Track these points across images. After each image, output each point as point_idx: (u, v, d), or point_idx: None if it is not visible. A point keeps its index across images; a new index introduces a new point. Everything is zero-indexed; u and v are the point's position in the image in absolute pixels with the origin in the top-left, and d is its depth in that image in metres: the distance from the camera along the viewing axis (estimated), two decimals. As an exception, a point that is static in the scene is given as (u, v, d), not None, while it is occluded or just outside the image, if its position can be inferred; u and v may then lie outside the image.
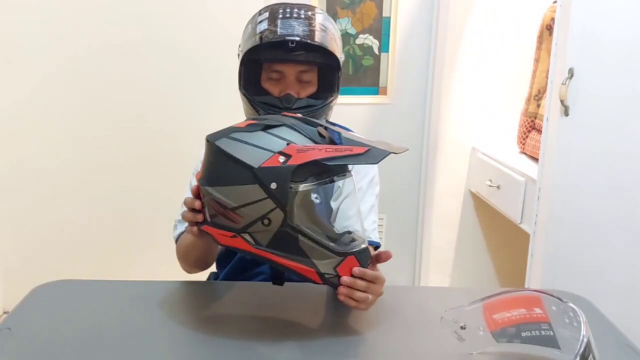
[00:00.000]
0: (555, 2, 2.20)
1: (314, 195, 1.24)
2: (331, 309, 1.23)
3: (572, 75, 1.74)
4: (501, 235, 2.76)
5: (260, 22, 1.30)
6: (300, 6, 1.32)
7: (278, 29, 1.27)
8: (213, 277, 1.52)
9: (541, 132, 1.94)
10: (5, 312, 2.72)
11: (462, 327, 1.01)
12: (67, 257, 2.70)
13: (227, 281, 1.43)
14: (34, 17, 2.51)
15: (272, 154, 0.99)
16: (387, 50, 2.60)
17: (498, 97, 2.64)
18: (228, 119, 1.47)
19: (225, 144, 1.03)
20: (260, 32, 1.28)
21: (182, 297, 1.29)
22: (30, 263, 2.68)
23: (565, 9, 1.74)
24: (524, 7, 2.54)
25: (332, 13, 2.55)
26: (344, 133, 1.09)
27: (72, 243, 2.72)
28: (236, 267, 1.42)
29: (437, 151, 2.67)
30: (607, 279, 1.87)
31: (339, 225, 1.30)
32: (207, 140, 1.07)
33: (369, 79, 2.63)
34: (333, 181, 1.04)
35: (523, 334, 0.98)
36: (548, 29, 2.27)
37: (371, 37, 2.59)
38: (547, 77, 1.89)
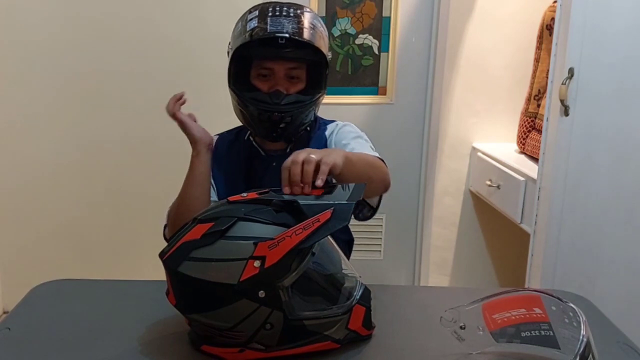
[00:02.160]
0: (555, 1, 2.20)
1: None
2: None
3: (572, 75, 1.74)
4: (501, 235, 2.76)
5: (251, 20, 1.33)
6: (289, 5, 1.35)
7: (268, 27, 1.29)
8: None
9: (541, 132, 1.94)
10: (5, 312, 2.72)
11: (461, 327, 1.01)
12: (67, 257, 2.70)
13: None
14: (31, 18, 2.51)
15: (245, 261, 0.92)
16: (387, 50, 2.60)
17: (498, 97, 2.64)
18: (225, 118, 1.48)
19: (190, 269, 0.95)
20: (251, 30, 1.30)
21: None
22: (30, 263, 2.68)
23: (565, 9, 1.74)
24: (524, 7, 2.54)
25: (332, 13, 2.55)
26: (299, 197, 0.99)
27: (71, 243, 2.72)
28: None
29: (437, 151, 2.67)
30: (607, 279, 1.87)
31: None
32: (167, 266, 0.99)
33: (368, 79, 2.63)
34: (314, 253, 0.97)
35: (523, 334, 0.98)
36: (548, 28, 2.27)
37: (371, 37, 2.59)
38: (547, 77, 1.89)
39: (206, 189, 1.38)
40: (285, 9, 1.32)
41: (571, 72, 1.74)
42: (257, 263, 0.92)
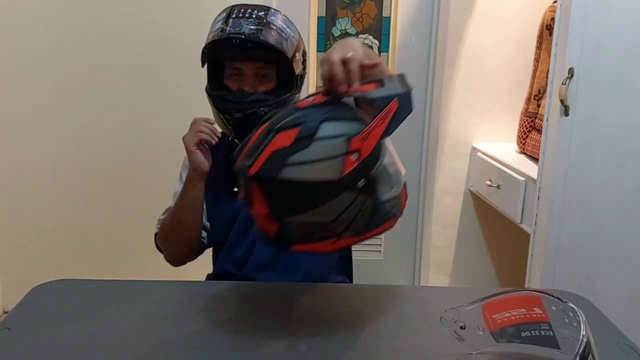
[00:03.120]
0: (555, 1, 2.20)
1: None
2: (331, 309, 1.23)
3: (572, 75, 1.74)
4: (501, 235, 2.76)
5: (218, 21, 1.37)
6: (255, 7, 1.37)
7: (228, 28, 1.32)
8: (211, 277, 1.53)
9: (541, 132, 1.94)
10: (5, 312, 2.72)
11: (461, 327, 1.01)
12: (67, 256, 2.70)
13: (226, 281, 1.43)
14: (31, 17, 2.51)
15: (343, 157, 0.96)
16: (387, 50, 2.60)
17: (498, 97, 2.64)
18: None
19: (294, 173, 0.96)
20: (214, 32, 1.35)
21: (182, 297, 1.29)
22: (30, 263, 2.68)
23: (565, 9, 1.74)
24: (524, 7, 2.54)
25: (332, 13, 2.55)
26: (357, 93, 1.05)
27: (71, 243, 2.72)
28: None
29: (437, 151, 2.67)
30: (607, 279, 1.87)
31: None
32: (262, 177, 0.98)
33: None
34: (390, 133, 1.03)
35: (523, 334, 0.98)
36: (548, 28, 2.27)
37: (371, 37, 2.59)
38: (547, 77, 1.89)
39: (197, 212, 1.42)
40: (249, 11, 1.35)
41: (571, 72, 1.74)
42: (354, 156, 0.96)
